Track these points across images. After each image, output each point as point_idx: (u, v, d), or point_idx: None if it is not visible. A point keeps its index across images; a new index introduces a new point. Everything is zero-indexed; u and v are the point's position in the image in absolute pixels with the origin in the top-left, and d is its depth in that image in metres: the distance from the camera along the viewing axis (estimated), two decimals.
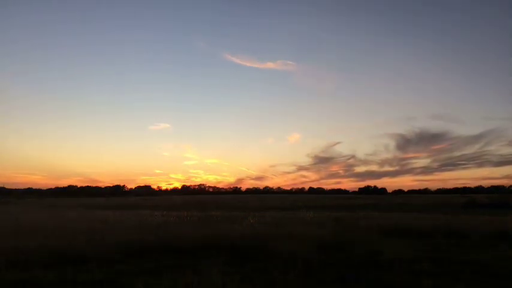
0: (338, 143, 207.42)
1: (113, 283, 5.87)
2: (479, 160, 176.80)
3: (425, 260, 7.52)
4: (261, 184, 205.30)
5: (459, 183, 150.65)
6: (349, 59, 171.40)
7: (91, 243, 9.19)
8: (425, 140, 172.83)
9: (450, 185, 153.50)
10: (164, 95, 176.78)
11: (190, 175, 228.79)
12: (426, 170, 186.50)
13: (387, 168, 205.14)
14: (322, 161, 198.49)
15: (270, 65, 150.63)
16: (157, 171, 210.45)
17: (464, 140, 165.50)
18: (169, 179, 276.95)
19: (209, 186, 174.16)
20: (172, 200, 66.31)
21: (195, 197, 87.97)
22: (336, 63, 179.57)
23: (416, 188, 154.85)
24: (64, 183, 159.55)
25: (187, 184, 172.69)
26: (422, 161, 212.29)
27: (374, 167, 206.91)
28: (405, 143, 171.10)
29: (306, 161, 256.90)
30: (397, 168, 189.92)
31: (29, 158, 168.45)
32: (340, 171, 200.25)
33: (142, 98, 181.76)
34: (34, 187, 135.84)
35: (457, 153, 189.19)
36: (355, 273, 6.44)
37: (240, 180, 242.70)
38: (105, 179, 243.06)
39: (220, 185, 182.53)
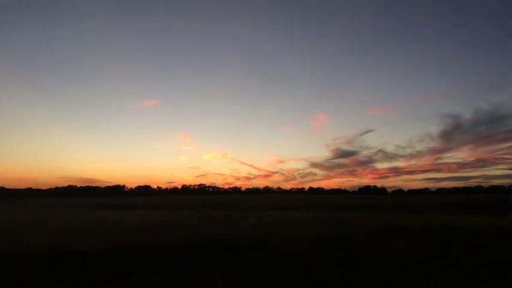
0: (370, 131, 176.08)
1: (113, 283, 5.88)
2: None
3: (425, 260, 7.53)
4: (261, 184, 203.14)
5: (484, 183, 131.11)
6: None
7: (91, 243, 9.20)
8: (482, 123, 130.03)
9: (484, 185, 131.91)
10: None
11: (189, 174, 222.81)
12: (458, 168, 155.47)
13: (414, 163, 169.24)
14: (342, 155, 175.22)
15: None
16: (157, 170, 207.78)
17: None
18: (169, 179, 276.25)
19: (209, 186, 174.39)
20: (172, 200, 66.30)
21: (194, 197, 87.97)
22: None
23: (422, 187, 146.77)
24: (64, 183, 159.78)
25: (187, 184, 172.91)
26: (459, 154, 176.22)
27: (400, 163, 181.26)
28: (452, 130, 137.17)
29: (323, 155, 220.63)
30: (426, 164, 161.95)
31: (29, 158, 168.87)
32: (358, 169, 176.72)
33: (141, 88, 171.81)
34: (34, 187, 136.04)
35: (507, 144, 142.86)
36: (355, 273, 6.44)
37: (241, 179, 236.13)
38: (105, 179, 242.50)
39: (220, 185, 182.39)
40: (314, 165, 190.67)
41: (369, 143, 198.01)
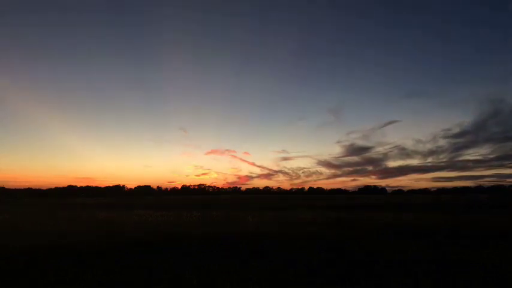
0: (393, 122, 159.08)
1: (113, 281, 5.87)
2: None
3: (425, 260, 7.52)
4: (262, 183, 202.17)
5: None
6: None
7: (91, 243, 9.21)
8: None
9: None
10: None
11: (189, 173, 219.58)
12: (474, 166, 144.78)
13: (429, 161, 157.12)
14: (354, 152, 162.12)
15: None
16: (157, 170, 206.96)
17: None
18: (169, 179, 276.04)
19: (209, 186, 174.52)
20: (172, 199, 66.31)
21: (194, 197, 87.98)
22: None
23: (419, 187, 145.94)
24: (64, 183, 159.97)
25: (187, 184, 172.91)
26: (481, 151, 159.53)
27: (413, 161, 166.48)
28: (487, 119, 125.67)
29: (333, 152, 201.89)
30: (441, 162, 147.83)
31: (29, 158, 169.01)
32: (369, 167, 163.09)
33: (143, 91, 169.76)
34: (34, 187, 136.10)
35: None
36: (354, 273, 6.44)
37: (242, 178, 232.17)
38: (105, 179, 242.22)
39: (220, 185, 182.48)
40: (322, 163, 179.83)
41: (388, 137, 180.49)
